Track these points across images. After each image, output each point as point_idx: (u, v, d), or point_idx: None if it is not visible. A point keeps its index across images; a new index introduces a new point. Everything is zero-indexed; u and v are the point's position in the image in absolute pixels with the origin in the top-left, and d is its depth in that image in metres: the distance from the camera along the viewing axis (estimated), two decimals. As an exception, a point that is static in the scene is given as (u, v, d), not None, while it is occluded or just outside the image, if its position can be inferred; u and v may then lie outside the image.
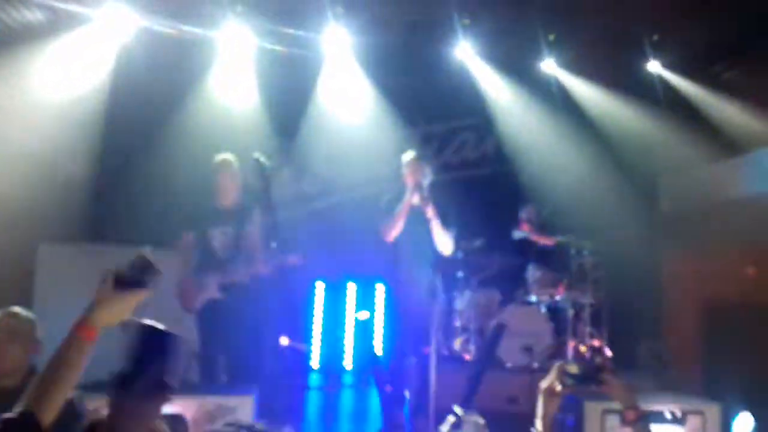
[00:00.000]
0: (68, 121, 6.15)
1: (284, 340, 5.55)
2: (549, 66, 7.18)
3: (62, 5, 5.92)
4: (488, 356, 4.42)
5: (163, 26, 6.34)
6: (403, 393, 4.83)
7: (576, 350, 6.00)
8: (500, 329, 4.35)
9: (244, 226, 4.97)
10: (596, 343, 6.12)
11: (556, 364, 2.59)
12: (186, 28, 6.39)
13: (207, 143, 5.99)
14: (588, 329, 6.14)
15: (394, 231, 4.84)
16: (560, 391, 2.52)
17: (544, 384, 2.55)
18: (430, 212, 4.83)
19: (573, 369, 2.58)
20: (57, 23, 6.02)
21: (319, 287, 6.81)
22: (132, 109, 6.58)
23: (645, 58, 7.06)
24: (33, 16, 5.98)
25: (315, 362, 6.49)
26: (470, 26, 6.76)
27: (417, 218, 4.87)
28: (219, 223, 4.94)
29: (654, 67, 7.14)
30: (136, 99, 6.51)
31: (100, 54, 6.20)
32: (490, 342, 4.35)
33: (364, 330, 6.35)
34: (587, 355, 6.03)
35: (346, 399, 5.90)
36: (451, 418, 4.31)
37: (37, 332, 3.02)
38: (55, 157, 6.37)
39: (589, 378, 2.55)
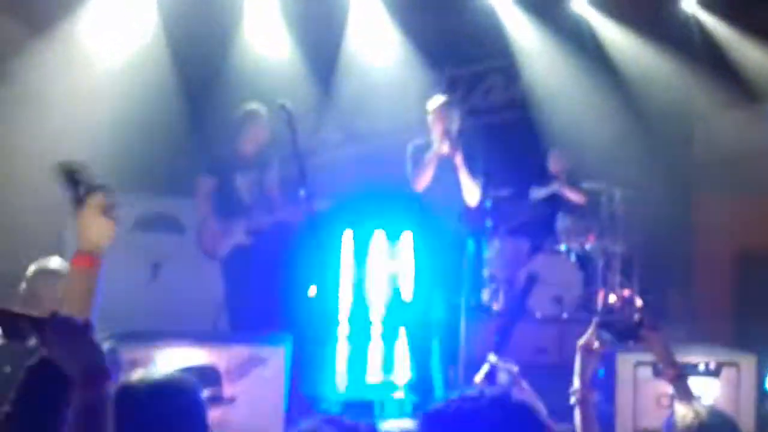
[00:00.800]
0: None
1: (312, 291, 5.57)
2: (579, 5, 6.94)
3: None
4: (519, 307, 4.38)
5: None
6: (432, 343, 4.83)
7: (606, 300, 5.95)
8: (532, 280, 4.29)
9: (266, 174, 4.98)
10: (626, 293, 6.06)
11: (594, 320, 2.53)
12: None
13: (236, 93, 5.92)
14: (618, 278, 6.07)
15: (424, 180, 4.73)
16: (598, 348, 2.47)
17: (581, 341, 2.50)
18: (458, 160, 4.71)
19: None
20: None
21: (347, 236, 6.77)
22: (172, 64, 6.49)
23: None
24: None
25: (344, 312, 6.51)
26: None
27: (445, 166, 4.76)
28: (242, 170, 4.92)
29: (689, 6, 6.87)
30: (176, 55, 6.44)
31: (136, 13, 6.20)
32: (521, 292, 4.31)
33: (393, 281, 6.34)
34: (618, 305, 5.98)
35: (375, 350, 5.92)
36: (485, 367, 4.30)
37: None
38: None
39: (629, 334, 2.50)
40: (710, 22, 6.86)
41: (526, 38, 7.10)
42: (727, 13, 6.77)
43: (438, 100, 4.97)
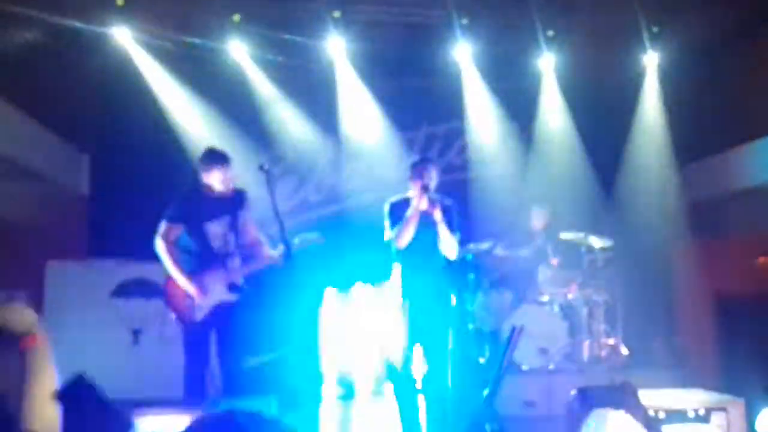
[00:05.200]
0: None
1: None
2: (547, 62, 7.14)
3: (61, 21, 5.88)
4: (506, 360, 4.34)
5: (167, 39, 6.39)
6: (419, 400, 4.76)
7: (591, 350, 5.93)
8: (517, 332, 4.27)
9: (240, 212, 4.54)
10: (611, 341, 6.05)
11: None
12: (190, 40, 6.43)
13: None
14: (603, 327, 6.06)
15: (407, 237, 4.73)
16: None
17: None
18: (437, 216, 4.73)
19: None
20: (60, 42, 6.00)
21: (329, 294, 6.75)
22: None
23: (644, 50, 7.02)
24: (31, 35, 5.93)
25: (327, 371, 6.42)
26: (468, 26, 6.73)
27: (425, 222, 4.79)
28: (214, 214, 4.46)
29: (652, 58, 7.11)
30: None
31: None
32: (507, 345, 4.28)
33: (377, 337, 6.27)
34: (604, 354, 5.96)
35: (361, 408, 5.82)
36: None
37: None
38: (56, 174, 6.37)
39: (609, 399, 2.52)
40: (677, 70, 7.06)
41: (482, 100, 7.28)
42: (694, 61, 6.99)
43: (416, 157, 5.05)
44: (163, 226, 4.46)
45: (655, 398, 4.09)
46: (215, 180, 4.52)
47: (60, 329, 5.44)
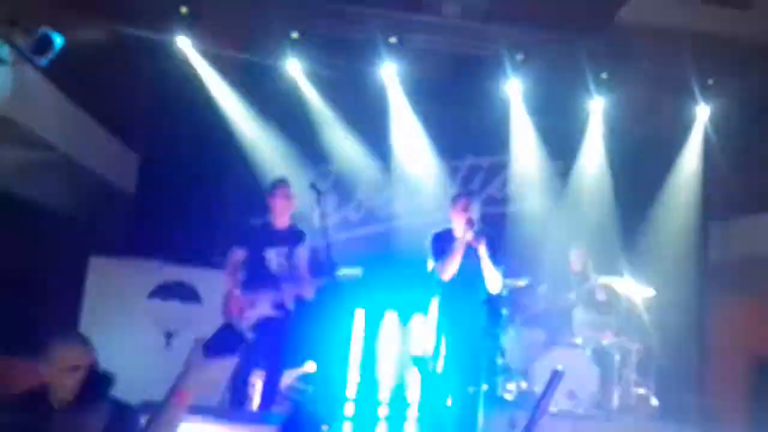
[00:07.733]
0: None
1: (310, 366, 5.55)
2: (596, 105, 7.17)
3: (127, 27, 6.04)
4: (543, 404, 4.30)
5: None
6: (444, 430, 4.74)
7: (621, 398, 5.84)
8: (558, 376, 4.23)
9: (297, 249, 4.98)
10: (641, 391, 5.95)
11: None
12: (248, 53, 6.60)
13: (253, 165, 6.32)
14: (634, 376, 5.98)
15: (452, 269, 4.75)
16: None
17: None
18: (482, 249, 4.74)
19: None
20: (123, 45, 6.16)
21: (359, 316, 6.76)
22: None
23: (696, 102, 7.01)
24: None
25: (351, 391, 6.42)
26: (522, 62, 6.79)
27: (468, 254, 4.80)
28: (274, 243, 4.96)
29: (703, 110, 7.10)
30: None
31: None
32: (546, 389, 4.24)
33: (406, 363, 6.25)
34: (633, 403, 5.87)
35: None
36: None
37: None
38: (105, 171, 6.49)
39: None
40: (726, 125, 7.04)
41: (527, 136, 7.31)
42: (744, 118, 6.96)
43: (460, 190, 5.09)
44: (230, 252, 5.04)
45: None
46: (276, 207, 5.03)
47: (96, 324, 5.52)
